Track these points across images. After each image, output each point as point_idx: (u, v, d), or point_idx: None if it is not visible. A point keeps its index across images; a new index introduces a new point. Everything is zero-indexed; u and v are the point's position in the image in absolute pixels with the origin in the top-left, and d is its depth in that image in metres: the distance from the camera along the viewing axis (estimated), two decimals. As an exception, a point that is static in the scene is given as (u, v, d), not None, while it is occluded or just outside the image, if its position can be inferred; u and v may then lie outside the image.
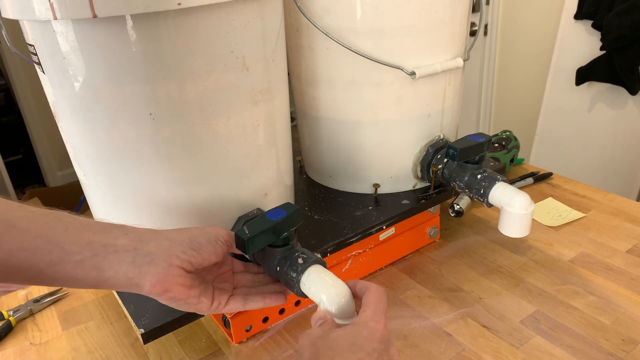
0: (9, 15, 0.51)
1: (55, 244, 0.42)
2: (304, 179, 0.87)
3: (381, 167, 0.77)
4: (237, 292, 0.52)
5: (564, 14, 1.75)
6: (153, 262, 0.44)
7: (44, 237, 0.42)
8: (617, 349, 0.60)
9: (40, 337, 0.70)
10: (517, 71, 2.21)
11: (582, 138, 1.86)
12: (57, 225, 0.43)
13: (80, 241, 0.43)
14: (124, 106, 0.51)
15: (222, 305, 0.50)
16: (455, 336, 0.64)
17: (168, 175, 0.55)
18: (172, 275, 0.45)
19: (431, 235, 0.82)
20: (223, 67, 0.53)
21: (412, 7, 0.66)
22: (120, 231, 0.45)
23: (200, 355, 0.65)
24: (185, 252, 0.46)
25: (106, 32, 0.47)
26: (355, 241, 0.69)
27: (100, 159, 0.56)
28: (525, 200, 0.63)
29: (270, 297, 0.52)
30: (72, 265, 0.42)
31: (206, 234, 0.48)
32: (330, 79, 0.73)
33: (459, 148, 0.66)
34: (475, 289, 0.72)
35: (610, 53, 1.62)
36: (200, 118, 0.53)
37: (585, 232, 0.83)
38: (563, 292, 0.70)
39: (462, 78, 0.79)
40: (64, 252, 0.42)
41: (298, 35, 0.73)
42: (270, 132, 0.61)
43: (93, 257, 0.43)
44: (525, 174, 1.01)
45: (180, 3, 0.46)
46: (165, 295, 0.45)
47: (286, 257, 0.51)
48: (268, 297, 0.52)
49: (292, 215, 0.52)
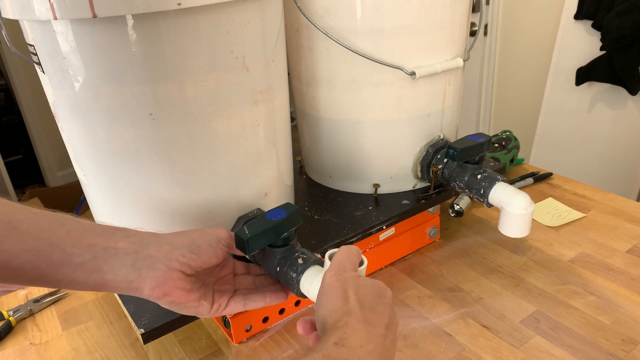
0: (9, 15, 0.51)
1: (56, 246, 0.42)
2: (304, 179, 0.87)
3: (381, 167, 0.77)
4: (238, 294, 0.52)
5: (564, 14, 1.75)
6: (153, 266, 0.44)
7: (45, 239, 0.42)
8: (617, 349, 0.60)
9: (40, 337, 0.70)
10: (517, 71, 2.21)
11: (582, 138, 1.86)
12: (59, 227, 0.43)
13: (81, 243, 0.43)
14: (124, 106, 0.51)
15: (222, 308, 0.50)
16: (455, 336, 0.64)
17: (168, 175, 0.55)
18: (171, 279, 0.45)
19: (431, 235, 0.82)
20: (223, 67, 0.53)
21: (412, 7, 0.66)
22: (122, 234, 0.45)
23: (200, 355, 0.65)
24: (184, 256, 0.46)
25: (106, 32, 0.47)
26: (355, 241, 0.69)
27: (100, 159, 0.56)
28: (525, 200, 0.63)
29: (271, 296, 0.52)
30: (73, 268, 0.42)
31: (206, 237, 0.48)
32: (330, 79, 0.73)
33: (459, 148, 0.66)
34: (475, 289, 0.72)
35: (610, 53, 1.62)
36: (200, 118, 0.53)
37: (585, 232, 0.83)
38: (563, 292, 0.70)
39: (462, 78, 0.79)
40: (64, 254, 0.42)
41: (298, 35, 0.73)
42: (270, 132, 0.61)
43: (94, 259, 0.43)
44: (525, 174, 1.01)
45: (180, 3, 0.46)
46: (164, 299, 0.45)
47: (286, 257, 0.51)
48: (268, 296, 0.52)
49: (292, 215, 0.52)
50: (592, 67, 1.70)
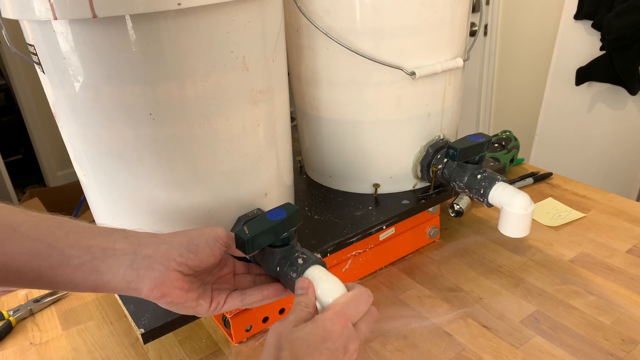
0: (9, 15, 0.51)
1: (55, 247, 0.42)
2: (304, 179, 0.87)
3: (381, 167, 0.78)
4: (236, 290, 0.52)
5: (564, 14, 1.75)
6: (151, 266, 0.44)
7: (44, 241, 0.42)
8: (617, 349, 0.60)
9: (40, 337, 0.70)
10: (517, 71, 2.21)
11: (582, 138, 1.86)
12: (58, 229, 0.43)
13: (79, 245, 0.43)
14: (124, 106, 0.51)
15: (221, 306, 0.50)
16: (455, 336, 0.64)
17: (168, 175, 0.55)
18: (169, 279, 0.45)
19: (431, 235, 0.82)
20: (223, 67, 0.53)
21: (412, 7, 0.66)
22: (120, 235, 0.45)
23: (200, 355, 0.65)
24: (182, 255, 0.46)
25: (106, 32, 0.47)
26: (355, 241, 0.69)
27: (100, 159, 0.56)
28: (525, 200, 0.63)
29: (268, 289, 0.51)
30: (72, 269, 0.42)
31: (204, 236, 0.48)
32: (330, 79, 0.73)
33: (459, 148, 0.66)
34: (475, 289, 0.72)
35: (610, 53, 1.62)
36: (200, 118, 0.53)
37: (585, 232, 0.83)
38: (563, 292, 0.70)
39: (462, 78, 0.79)
40: (63, 255, 0.42)
41: (298, 35, 0.73)
42: (270, 132, 0.61)
43: (92, 260, 0.43)
44: (525, 174, 1.01)
45: (180, 3, 0.46)
46: (163, 299, 0.45)
47: (286, 257, 0.51)
48: (265, 289, 0.51)
49: (292, 215, 0.52)
50: (592, 67, 1.70)
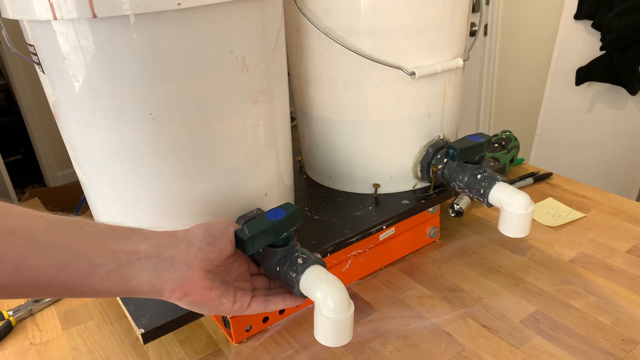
0: (9, 15, 0.51)
1: (82, 257, 0.41)
2: (304, 179, 0.87)
3: (381, 167, 0.78)
4: (257, 294, 0.52)
5: (564, 14, 1.75)
6: (173, 267, 0.44)
7: (69, 251, 0.41)
8: (617, 349, 0.60)
9: (40, 337, 0.70)
10: (517, 71, 2.21)
11: (582, 138, 1.86)
12: (81, 236, 0.42)
13: (105, 251, 0.42)
14: (124, 106, 0.51)
15: (245, 307, 0.50)
16: (455, 336, 0.64)
17: (168, 175, 0.55)
18: (191, 278, 0.45)
19: (431, 235, 0.82)
20: (223, 67, 0.53)
21: (412, 7, 0.66)
22: (140, 237, 0.45)
23: (200, 355, 0.65)
24: (202, 250, 0.46)
25: (106, 32, 0.47)
26: (355, 241, 0.69)
27: (100, 159, 0.56)
28: (525, 200, 0.63)
29: (290, 298, 0.52)
30: (100, 278, 0.42)
31: (216, 226, 0.49)
32: (330, 79, 0.73)
33: (459, 148, 0.66)
34: (475, 289, 0.72)
35: (610, 53, 1.62)
36: (200, 118, 0.53)
37: (585, 232, 0.83)
38: (563, 292, 0.70)
39: (462, 78, 0.79)
40: (90, 265, 0.41)
41: (298, 35, 0.73)
42: (270, 132, 0.61)
43: (119, 268, 0.42)
44: (525, 174, 1.01)
45: (180, 3, 0.46)
46: (185, 299, 0.45)
47: (286, 257, 0.51)
48: (288, 298, 0.52)
49: (292, 215, 0.52)
50: (592, 67, 1.70)
